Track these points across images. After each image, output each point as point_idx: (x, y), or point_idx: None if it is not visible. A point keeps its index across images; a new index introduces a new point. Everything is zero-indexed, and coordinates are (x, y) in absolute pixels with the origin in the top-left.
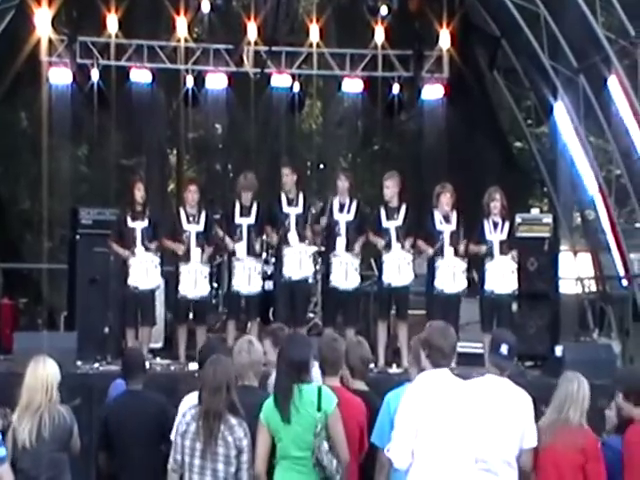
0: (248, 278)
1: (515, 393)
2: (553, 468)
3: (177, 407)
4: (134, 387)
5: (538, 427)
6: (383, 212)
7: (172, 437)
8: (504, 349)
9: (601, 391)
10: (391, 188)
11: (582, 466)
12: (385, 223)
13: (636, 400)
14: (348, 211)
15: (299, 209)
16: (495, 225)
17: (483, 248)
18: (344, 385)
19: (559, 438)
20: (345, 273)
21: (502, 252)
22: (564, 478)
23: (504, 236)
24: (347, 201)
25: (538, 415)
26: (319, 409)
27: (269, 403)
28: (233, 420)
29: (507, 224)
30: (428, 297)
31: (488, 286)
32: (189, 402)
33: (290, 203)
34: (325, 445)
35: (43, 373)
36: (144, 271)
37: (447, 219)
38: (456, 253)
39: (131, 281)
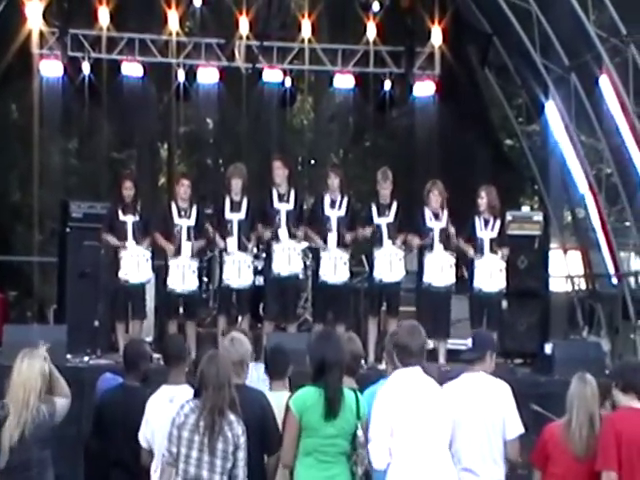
0: (238, 271)
1: (492, 386)
2: None
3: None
4: (131, 382)
5: (557, 433)
6: (374, 208)
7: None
8: (469, 342)
9: None
10: (388, 189)
11: None
12: (376, 219)
13: (623, 387)
14: (339, 207)
15: (290, 205)
16: (486, 223)
17: (471, 251)
18: None
19: (582, 451)
20: (334, 267)
21: (492, 250)
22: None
23: (494, 234)
24: (338, 197)
25: (526, 412)
26: (358, 417)
27: (306, 397)
28: (232, 416)
29: (498, 222)
30: (418, 293)
31: (477, 284)
32: (164, 395)
33: (281, 199)
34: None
35: (27, 371)
36: (135, 265)
37: (437, 216)
38: (446, 250)
39: (122, 274)
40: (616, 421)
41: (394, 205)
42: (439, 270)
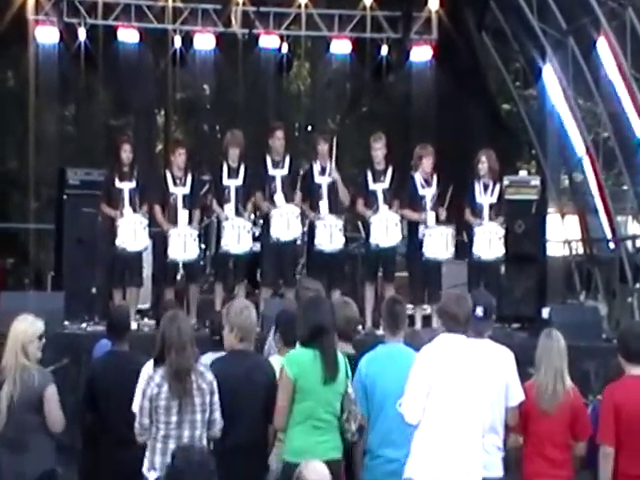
0: (237, 237)
1: (496, 353)
2: (547, 438)
3: None
4: (120, 347)
5: (531, 391)
6: (370, 175)
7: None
8: (479, 311)
9: (587, 353)
10: (380, 150)
11: (571, 424)
12: (372, 186)
13: (625, 354)
14: (329, 174)
15: (285, 171)
16: (485, 187)
17: (478, 220)
18: None
19: (551, 406)
20: (330, 236)
21: (491, 216)
22: (555, 442)
23: (494, 199)
24: (327, 164)
25: (523, 376)
26: (347, 376)
27: (300, 360)
28: (201, 367)
29: (497, 187)
30: (409, 260)
31: (476, 251)
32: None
33: (276, 165)
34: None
35: (14, 333)
36: (132, 232)
37: (428, 182)
38: (437, 219)
39: (119, 242)
40: (615, 392)
41: (389, 170)
42: (444, 244)
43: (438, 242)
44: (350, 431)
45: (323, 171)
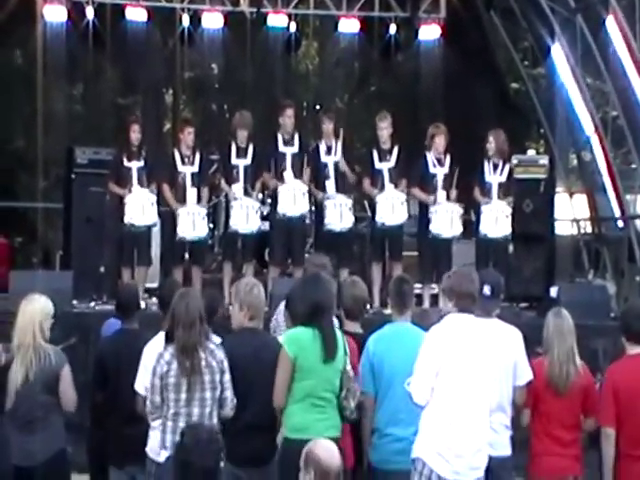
0: (246, 217)
1: (504, 332)
2: (557, 417)
3: None
4: (129, 326)
5: (541, 370)
6: (375, 154)
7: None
8: (487, 290)
9: (595, 332)
10: (386, 129)
11: (581, 402)
12: (378, 165)
13: (625, 334)
14: (335, 152)
15: (295, 149)
16: (495, 167)
17: (486, 199)
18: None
19: (563, 386)
20: (340, 215)
21: (500, 195)
22: (565, 421)
23: (503, 178)
24: (333, 143)
25: (531, 355)
26: (345, 353)
27: (299, 338)
28: (211, 345)
29: (507, 166)
30: (420, 239)
31: (482, 229)
32: (156, 344)
33: (287, 143)
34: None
35: (28, 312)
36: (140, 208)
37: (440, 162)
38: (448, 197)
39: (127, 218)
40: (614, 372)
41: (395, 149)
42: (449, 222)
43: (443, 219)
44: (349, 409)
45: (329, 150)
